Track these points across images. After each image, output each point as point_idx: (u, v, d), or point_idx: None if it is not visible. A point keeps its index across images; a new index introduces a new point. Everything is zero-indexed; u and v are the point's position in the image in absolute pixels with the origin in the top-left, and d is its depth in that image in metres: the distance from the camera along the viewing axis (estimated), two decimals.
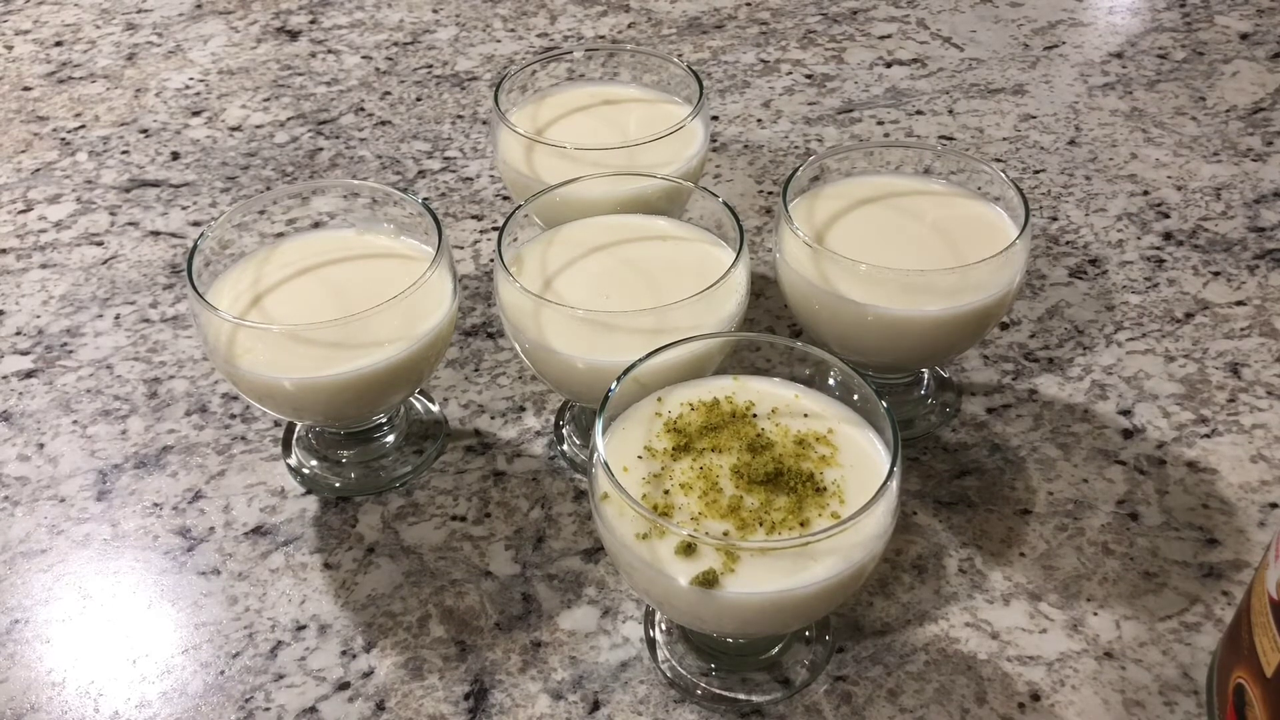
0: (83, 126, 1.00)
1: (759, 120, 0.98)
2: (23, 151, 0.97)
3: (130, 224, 0.89)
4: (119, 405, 0.73)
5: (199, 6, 1.18)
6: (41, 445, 0.71)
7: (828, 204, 0.68)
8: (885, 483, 0.48)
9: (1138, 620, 0.59)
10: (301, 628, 0.60)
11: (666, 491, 0.51)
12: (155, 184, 0.93)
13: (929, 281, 0.60)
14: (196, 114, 1.01)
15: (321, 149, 0.96)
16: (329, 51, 1.09)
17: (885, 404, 0.52)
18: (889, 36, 1.09)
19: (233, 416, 0.72)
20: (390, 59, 1.08)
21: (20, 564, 0.64)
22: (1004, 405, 0.71)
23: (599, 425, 0.51)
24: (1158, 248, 0.83)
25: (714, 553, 0.48)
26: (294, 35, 1.12)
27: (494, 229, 0.86)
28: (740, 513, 0.50)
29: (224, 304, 0.62)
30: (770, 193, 0.90)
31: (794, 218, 0.64)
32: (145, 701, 0.57)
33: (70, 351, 0.77)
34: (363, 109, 1.01)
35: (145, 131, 0.99)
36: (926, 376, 0.72)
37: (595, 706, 0.56)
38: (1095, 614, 0.59)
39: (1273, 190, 0.88)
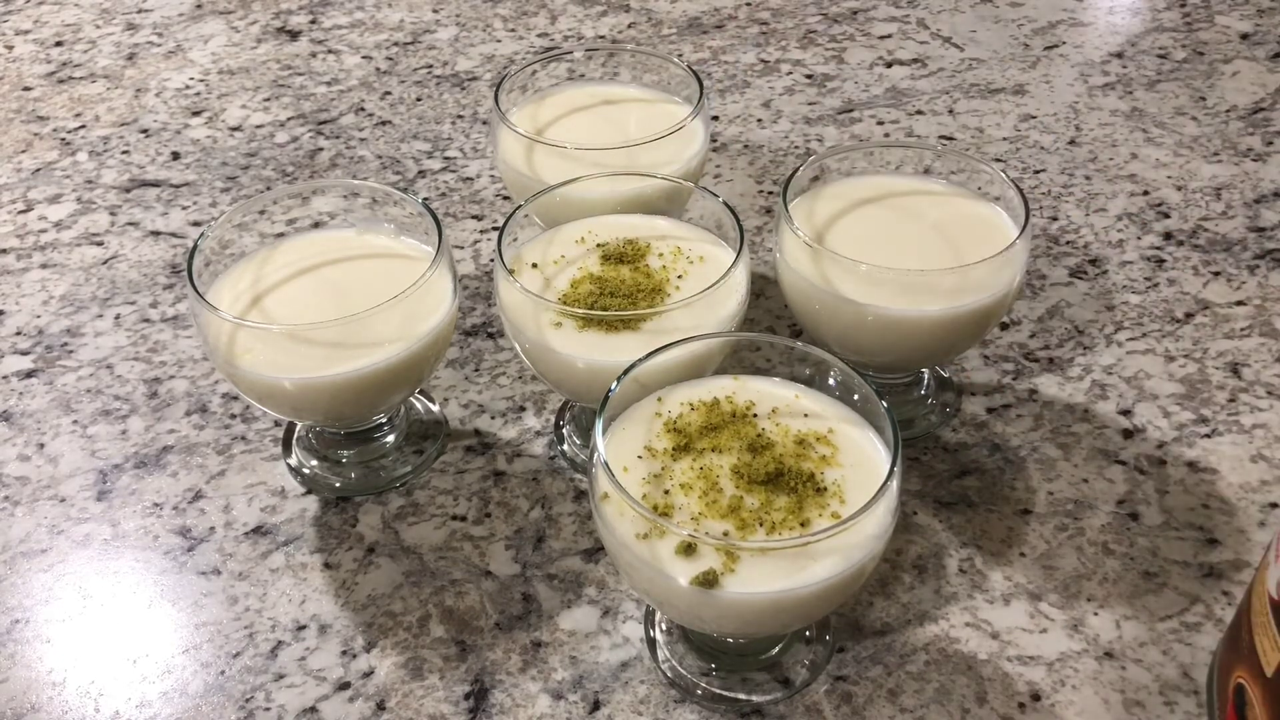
0: (83, 126, 1.00)
1: (759, 120, 0.98)
2: (23, 151, 0.97)
3: (130, 224, 0.89)
4: (119, 405, 0.73)
5: (199, 6, 1.18)
6: (41, 445, 0.71)
7: (828, 204, 0.68)
8: (885, 483, 0.48)
9: (1138, 620, 0.59)
10: (302, 628, 0.60)
11: (666, 491, 0.51)
12: (155, 184, 0.93)
13: (929, 281, 0.60)
14: (196, 114, 1.01)
15: (321, 149, 0.96)
16: (329, 51, 1.10)
17: (885, 404, 0.52)
18: (889, 36, 1.09)
19: (233, 416, 0.72)
20: (390, 59, 1.08)
21: (20, 564, 0.64)
22: (1004, 405, 0.71)
23: (599, 425, 0.51)
24: (1158, 248, 0.83)
25: (714, 553, 0.48)
26: (294, 35, 1.12)
27: (494, 229, 0.86)
28: (740, 513, 0.50)
29: (224, 304, 0.62)
30: (770, 193, 0.90)
31: (794, 218, 0.64)
32: (145, 701, 0.57)
33: (70, 351, 0.77)
34: (363, 109, 1.01)
35: (145, 131, 0.99)
36: (926, 376, 0.72)
37: (595, 706, 0.56)
38: (1095, 614, 0.59)
39: (1273, 190, 0.88)
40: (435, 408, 0.72)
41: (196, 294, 0.60)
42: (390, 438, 0.70)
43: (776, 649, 0.58)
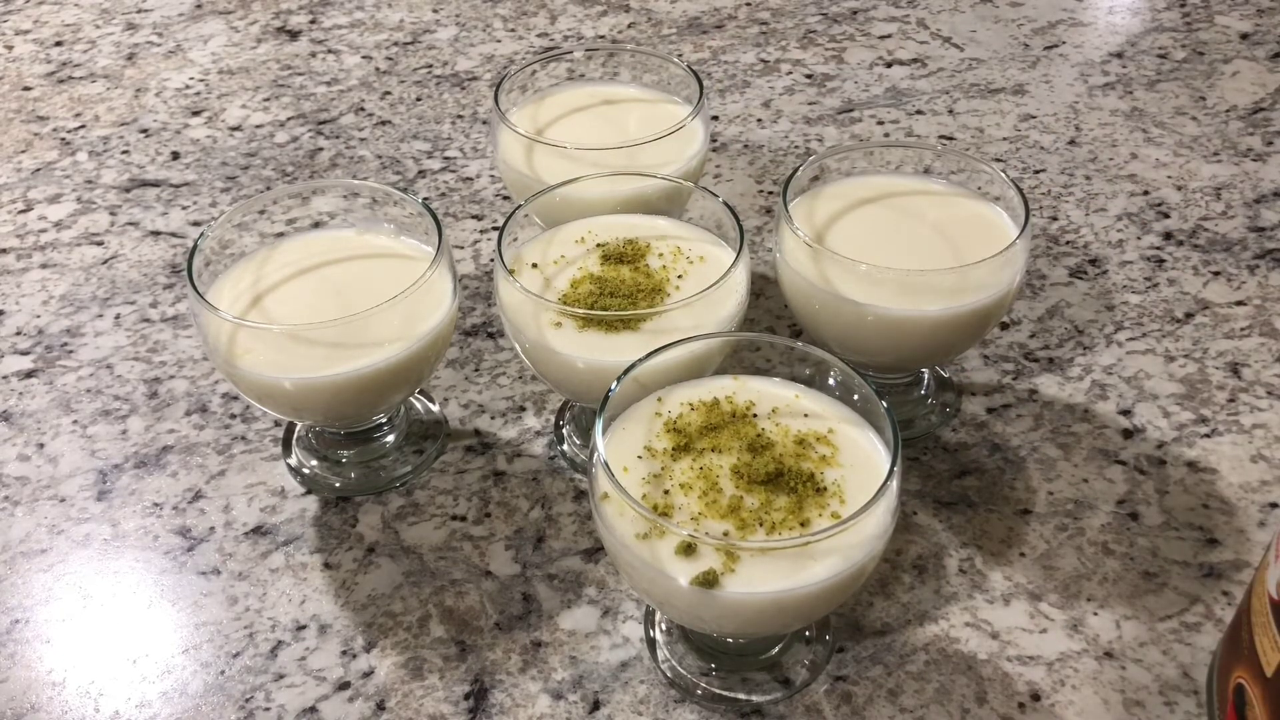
0: (83, 126, 1.00)
1: (759, 120, 0.98)
2: (23, 151, 0.97)
3: (130, 224, 0.89)
4: (119, 405, 0.73)
5: (199, 6, 1.18)
6: (41, 445, 0.71)
7: (828, 204, 0.68)
8: (885, 483, 0.48)
9: (1138, 620, 0.59)
10: (301, 628, 0.60)
11: (666, 491, 0.51)
12: (155, 184, 0.93)
13: (929, 281, 0.60)
14: (196, 114, 1.01)
15: (321, 149, 0.96)
16: (329, 51, 1.10)
17: (885, 404, 0.52)
18: (889, 36, 1.09)
19: (233, 416, 0.72)
20: (390, 59, 1.08)
21: (20, 564, 0.64)
22: (1004, 405, 0.71)
23: (599, 425, 0.51)
24: (1158, 248, 0.83)
25: (714, 553, 0.48)
26: (294, 35, 1.12)
27: (494, 229, 0.86)
28: (740, 513, 0.50)
29: (224, 304, 0.62)
30: (770, 193, 0.90)
31: (794, 218, 0.64)
32: (145, 701, 0.57)
33: (70, 351, 0.77)
34: (363, 109, 1.01)
35: (145, 131, 0.99)
36: (926, 376, 0.72)
37: (595, 706, 0.56)
38: (1095, 614, 0.59)
39: (1273, 190, 0.88)
40: (435, 408, 0.72)
41: (196, 294, 0.60)
42: (390, 438, 0.70)
43: (776, 649, 0.58)
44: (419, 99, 1.02)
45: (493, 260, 0.83)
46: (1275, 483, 0.66)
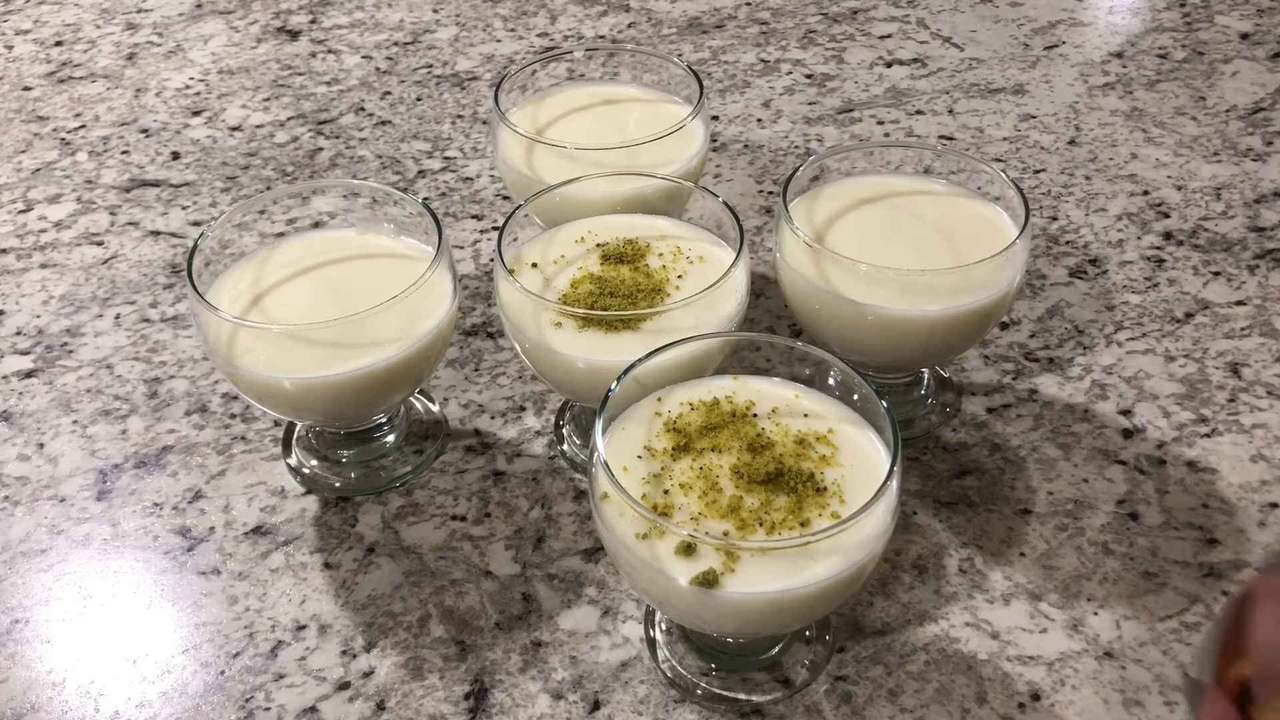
0: (83, 126, 1.00)
1: (759, 120, 0.98)
2: (23, 151, 0.97)
3: (130, 224, 0.89)
4: (119, 405, 0.73)
5: (199, 6, 1.18)
6: (41, 445, 0.71)
7: (828, 204, 0.68)
8: (885, 483, 0.48)
9: (1138, 620, 0.59)
10: (302, 628, 0.60)
11: (666, 491, 0.51)
12: (155, 184, 0.93)
13: (929, 281, 0.60)
14: (196, 114, 1.01)
15: (321, 149, 0.96)
16: (329, 51, 1.10)
17: (885, 404, 0.52)
18: (889, 36, 1.09)
19: (233, 416, 0.72)
20: (390, 59, 1.08)
21: (20, 564, 0.64)
22: (1004, 405, 0.71)
23: (599, 425, 0.51)
24: (1158, 248, 0.83)
25: (714, 553, 0.48)
26: (294, 35, 1.12)
27: (494, 229, 0.86)
28: (740, 513, 0.50)
29: (224, 304, 0.62)
30: (770, 193, 0.90)
31: (794, 218, 0.64)
32: (145, 701, 0.57)
33: (70, 351, 0.77)
34: (363, 109, 1.01)
35: (145, 131, 0.99)
36: (926, 376, 0.72)
37: (595, 706, 0.56)
38: (1095, 614, 0.59)
39: (1273, 190, 0.88)
40: (435, 408, 0.72)
41: (196, 294, 0.60)
42: (390, 438, 0.70)
43: (776, 649, 0.58)
44: (419, 99, 1.02)
45: (493, 260, 0.83)
46: (1275, 483, 0.66)
